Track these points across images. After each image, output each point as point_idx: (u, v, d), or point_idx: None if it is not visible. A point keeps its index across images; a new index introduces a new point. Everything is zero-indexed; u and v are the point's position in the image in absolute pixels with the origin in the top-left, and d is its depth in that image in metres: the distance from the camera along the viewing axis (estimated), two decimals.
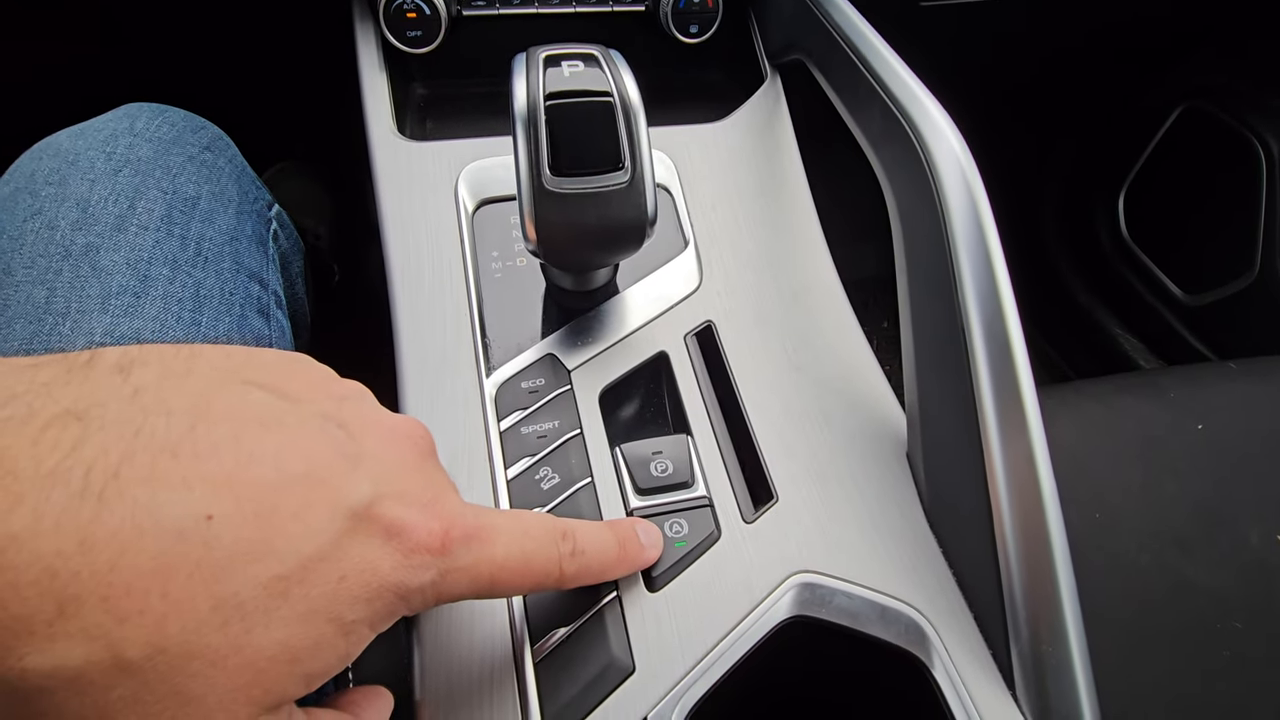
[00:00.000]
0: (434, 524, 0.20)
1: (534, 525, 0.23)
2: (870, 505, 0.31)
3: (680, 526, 0.30)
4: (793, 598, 0.28)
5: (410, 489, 0.20)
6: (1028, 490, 0.27)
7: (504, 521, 0.22)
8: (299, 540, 0.17)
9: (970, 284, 0.29)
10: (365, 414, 0.21)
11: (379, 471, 0.20)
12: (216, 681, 0.16)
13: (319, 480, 0.18)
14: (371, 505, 0.19)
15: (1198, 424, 0.55)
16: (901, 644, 0.27)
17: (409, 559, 0.19)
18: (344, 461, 0.19)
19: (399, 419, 0.22)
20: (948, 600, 0.29)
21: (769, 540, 0.30)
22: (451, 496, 0.21)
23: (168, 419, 0.17)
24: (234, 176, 0.44)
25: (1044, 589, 0.27)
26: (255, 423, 0.18)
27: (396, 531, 0.19)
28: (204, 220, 0.40)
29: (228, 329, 0.37)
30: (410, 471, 0.21)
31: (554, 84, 0.29)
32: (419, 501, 0.20)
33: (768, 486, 0.32)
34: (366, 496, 0.19)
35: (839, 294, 0.40)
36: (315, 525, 0.18)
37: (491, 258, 0.39)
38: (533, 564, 0.22)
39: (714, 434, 0.33)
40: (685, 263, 0.40)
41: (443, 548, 0.20)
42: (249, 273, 0.40)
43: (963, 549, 0.29)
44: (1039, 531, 0.27)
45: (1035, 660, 0.26)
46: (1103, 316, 1.06)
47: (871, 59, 0.37)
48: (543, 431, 0.32)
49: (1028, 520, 0.27)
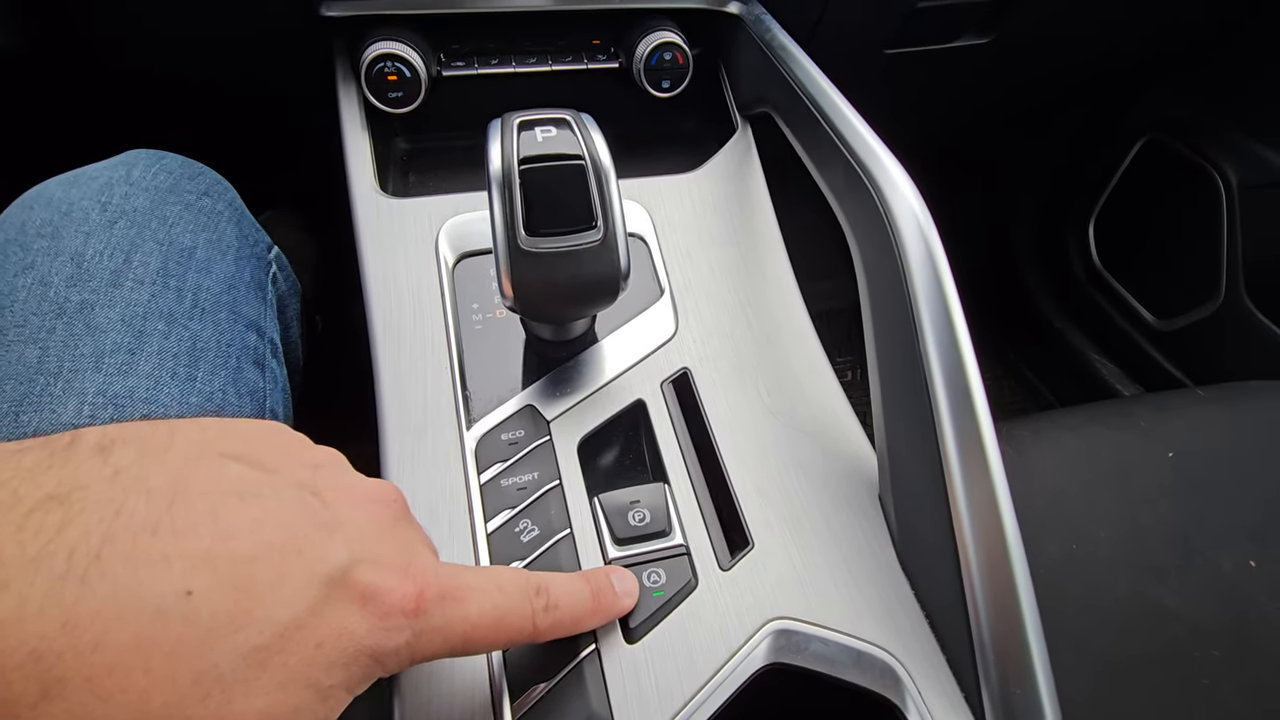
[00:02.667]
0: (408, 586, 0.20)
1: (507, 581, 0.23)
2: (844, 548, 0.32)
3: (658, 576, 0.30)
4: (769, 645, 0.29)
5: (384, 553, 0.21)
6: (992, 534, 0.28)
7: (477, 579, 0.22)
8: (276, 610, 0.18)
9: (931, 336, 0.31)
10: (339, 481, 0.22)
11: (354, 537, 0.20)
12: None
13: (295, 550, 0.19)
14: (347, 571, 0.19)
15: (1168, 452, 0.56)
16: (876, 689, 0.28)
17: (384, 622, 0.20)
18: (319, 530, 0.20)
19: (372, 484, 0.23)
20: (920, 643, 0.29)
21: (745, 587, 0.31)
22: (425, 557, 0.22)
23: (147, 497, 0.18)
24: (233, 221, 0.44)
25: (1011, 632, 0.27)
26: (232, 495, 0.19)
27: (371, 596, 0.20)
28: (201, 270, 0.40)
29: (223, 383, 0.37)
30: (384, 535, 0.21)
31: (528, 148, 0.31)
32: (393, 565, 0.21)
33: (744, 533, 0.32)
34: (342, 563, 0.19)
35: (810, 337, 0.41)
36: (292, 594, 0.18)
37: (472, 310, 0.40)
38: (506, 620, 0.22)
39: (691, 481, 0.34)
40: (662, 310, 0.41)
41: (417, 609, 0.20)
42: (246, 321, 0.41)
43: (933, 591, 0.30)
44: (1004, 576, 0.27)
45: (1005, 702, 0.27)
46: (1080, 342, 1.08)
47: (833, 115, 0.39)
48: (522, 483, 0.33)
49: (993, 564, 0.28)
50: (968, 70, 0.74)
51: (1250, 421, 0.60)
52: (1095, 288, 1.06)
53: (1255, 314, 0.85)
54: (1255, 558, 0.51)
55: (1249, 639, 0.48)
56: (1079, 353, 1.07)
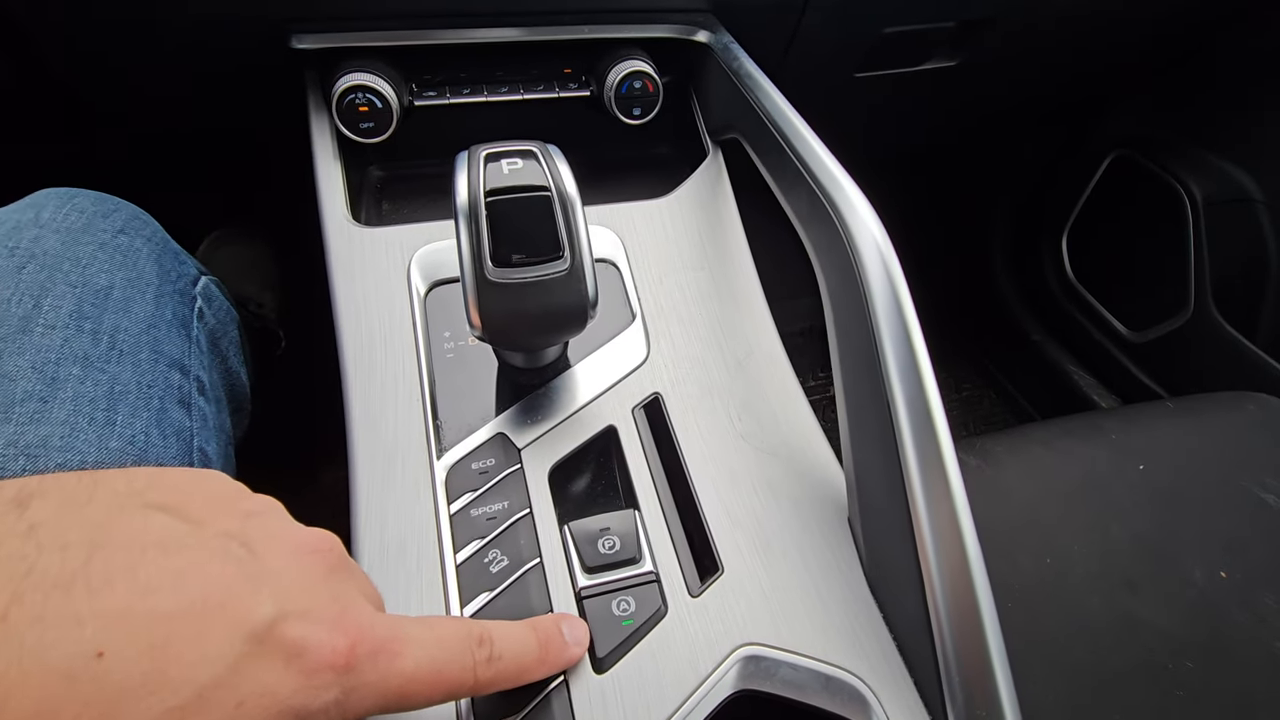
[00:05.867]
0: (338, 640, 0.19)
1: (448, 633, 0.22)
2: (813, 572, 0.32)
3: (627, 604, 0.30)
4: (739, 671, 0.29)
5: (315, 605, 0.20)
6: (954, 559, 0.28)
7: (416, 630, 0.21)
8: (195, 669, 0.17)
9: (892, 359, 0.31)
10: (271, 530, 0.21)
11: (282, 590, 0.19)
12: None
13: (217, 604, 0.18)
14: (273, 625, 0.18)
15: (1139, 464, 0.57)
16: (845, 713, 0.28)
17: (310, 680, 0.19)
18: (245, 583, 0.19)
19: (307, 533, 0.22)
20: (888, 667, 0.29)
21: (715, 614, 0.31)
22: (360, 608, 0.21)
23: (63, 554, 0.17)
24: (153, 257, 0.42)
25: (976, 656, 0.28)
26: (155, 548, 0.18)
27: (298, 652, 0.19)
28: (119, 310, 0.38)
29: (145, 425, 0.36)
30: (317, 586, 0.20)
31: (494, 180, 0.31)
32: (324, 617, 0.20)
33: (714, 558, 0.33)
34: (268, 617, 0.18)
35: (782, 360, 0.42)
36: (212, 652, 0.17)
37: (444, 338, 0.40)
38: (445, 674, 0.21)
39: (661, 507, 0.34)
40: (633, 335, 0.41)
41: (347, 665, 0.19)
42: (169, 361, 0.39)
43: (901, 615, 0.30)
44: (968, 600, 0.28)
45: None
46: (1057, 354, 1.10)
47: (797, 144, 0.40)
48: (492, 513, 0.33)
49: (956, 588, 0.28)
50: (938, 91, 0.75)
51: (1218, 432, 0.61)
52: (1070, 301, 1.08)
53: (1223, 325, 0.87)
54: (1226, 568, 0.52)
55: (1222, 649, 0.48)
56: (1055, 364, 1.09)
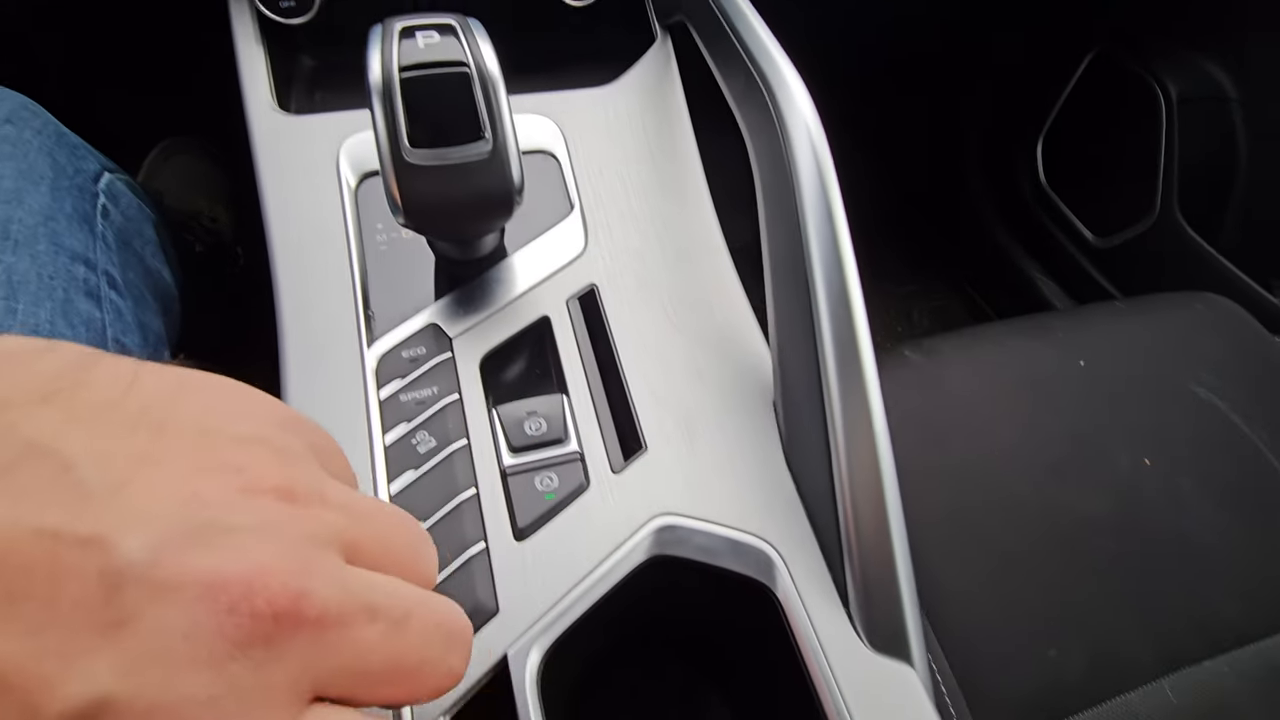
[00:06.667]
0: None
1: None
2: (734, 451, 0.34)
3: (551, 480, 0.32)
4: (654, 539, 0.30)
5: (178, 697, 0.13)
6: (860, 429, 0.29)
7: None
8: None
9: (815, 241, 0.31)
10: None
11: (139, 654, 0.13)
12: None
13: (40, 655, 0.12)
14: (92, 718, 0.12)
15: (1080, 360, 0.58)
16: (752, 574, 0.30)
17: None
18: (89, 633, 0.13)
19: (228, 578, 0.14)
20: (796, 533, 0.31)
21: (635, 489, 0.32)
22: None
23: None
24: (44, 150, 0.41)
25: (875, 519, 0.29)
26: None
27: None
28: (9, 201, 0.37)
29: (50, 314, 0.36)
30: (179, 667, 0.13)
31: (409, 56, 0.30)
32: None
33: (638, 438, 0.34)
34: (85, 700, 0.12)
35: (723, 255, 0.42)
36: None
37: (376, 230, 0.40)
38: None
39: (590, 393, 0.35)
40: (571, 227, 0.41)
41: None
42: (71, 254, 0.39)
43: (812, 487, 0.32)
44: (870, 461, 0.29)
45: (865, 582, 0.29)
46: (1023, 261, 1.10)
47: (737, 21, 0.38)
48: (421, 398, 0.34)
49: (860, 454, 0.29)
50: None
51: (1164, 331, 0.62)
52: (1041, 207, 1.07)
53: (1185, 229, 0.87)
54: (1151, 455, 0.54)
55: (1135, 528, 0.51)
56: (1022, 272, 1.09)
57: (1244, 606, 0.50)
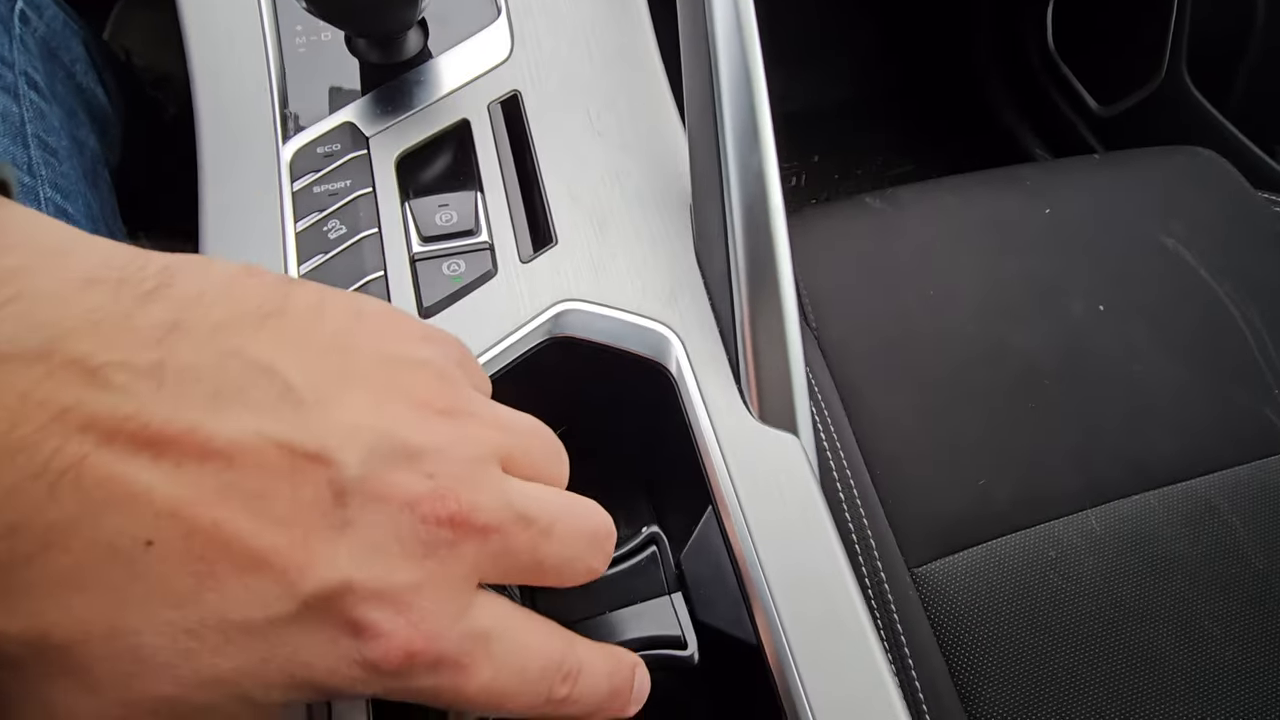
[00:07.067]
0: (403, 642, 0.16)
1: (535, 663, 0.18)
2: (644, 246, 0.34)
3: (458, 266, 0.32)
4: (556, 321, 0.31)
5: (394, 586, 0.16)
6: (757, 210, 0.29)
7: (501, 649, 0.18)
8: (236, 606, 0.15)
9: (720, 23, 0.30)
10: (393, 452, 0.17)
11: (363, 551, 0.16)
12: (81, 704, 0.14)
13: (292, 544, 0.15)
14: (337, 596, 0.15)
15: (1046, 208, 0.57)
16: (649, 355, 0.31)
17: (351, 669, 0.16)
18: (325, 529, 0.16)
19: (447, 475, 0.17)
20: (698, 319, 0.32)
21: (543, 277, 0.32)
22: (444, 605, 0.17)
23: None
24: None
25: (768, 294, 0.29)
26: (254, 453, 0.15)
27: (354, 632, 0.15)
28: None
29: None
30: (408, 558, 0.16)
31: None
32: (399, 608, 0.16)
33: (550, 233, 0.34)
34: (332, 584, 0.15)
35: (653, 62, 0.40)
36: (261, 596, 0.15)
37: (295, 32, 0.38)
38: (504, 704, 0.18)
39: (505, 191, 0.35)
40: (496, 32, 0.40)
41: (398, 670, 0.16)
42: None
43: (715, 274, 0.32)
44: (765, 241, 0.29)
45: (756, 356, 0.29)
46: (1026, 137, 1.06)
47: None
48: (334, 189, 0.34)
49: (755, 233, 0.29)
50: None
51: (1139, 182, 0.60)
52: (1047, 75, 1.02)
53: (1192, 91, 0.82)
54: (1109, 302, 0.54)
55: (1083, 370, 0.51)
56: (1024, 148, 1.05)
57: (1181, 448, 0.51)
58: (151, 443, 0.14)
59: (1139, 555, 0.47)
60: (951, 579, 0.45)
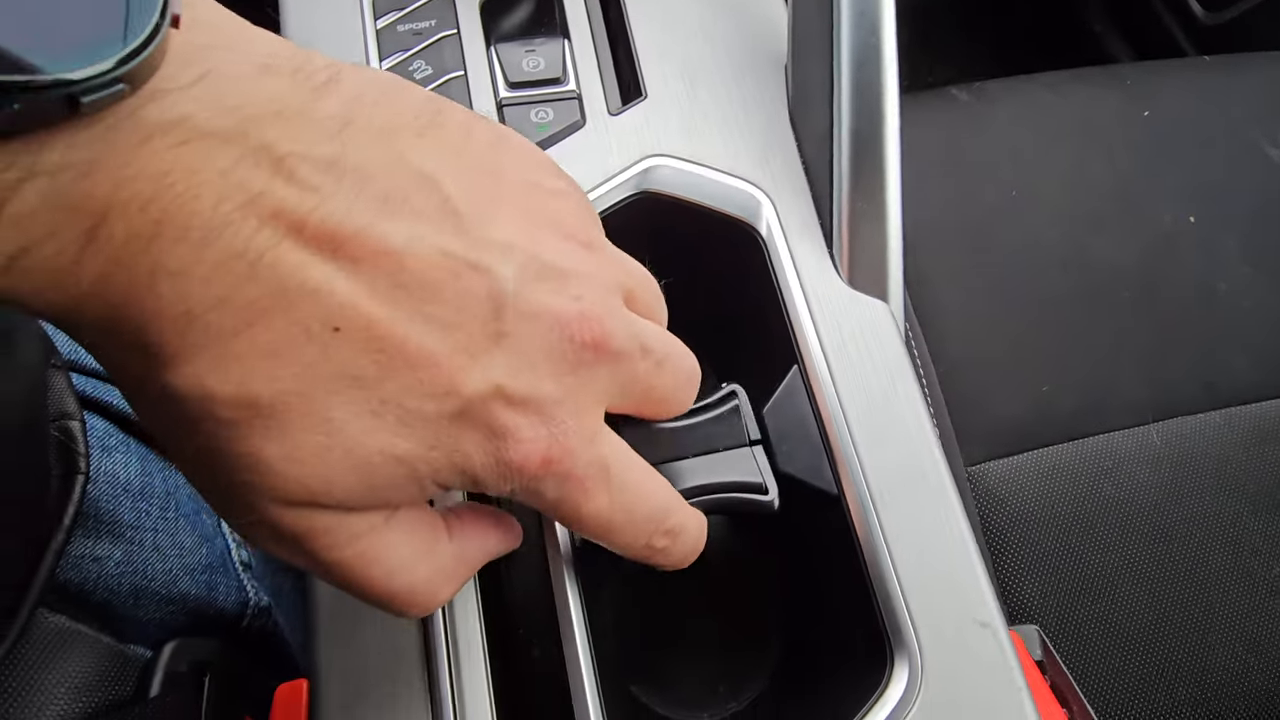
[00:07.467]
0: (541, 449, 0.17)
1: (645, 503, 0.20)
2: (735, 104, 0.32)
3: (546, 114, 0.31)
4: (644, 175, 0.30)
5: (540, 396, 0.17)
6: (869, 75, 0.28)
7: (620, 482, 0.19)
8: (411, 396, 0.16)
9: None
10: (549, 271, 0.18)
11: (515, 362, 0.17)
12: (281, 462, 0.15)
13: (456, 348, 0.16)
14: (487, 400, 0.16)
15: (1144, 110, 0.53)
16: (741, 216, 0.30)
17: (497, 467, 0.17)
18: (484, 338, 0.16)
19: (592, 301, 0.18)
20: (790, 182, 0.31)
21: (632, 130, 0.31)
22: (581, 426, 0.18)
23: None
24: None
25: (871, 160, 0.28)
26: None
27: (500, 434, 0.17)
28: None
29: None
30: (556, 373, 0.17)
31: None
32: (542, 417, 0.17)
33: (639, 87, 0.32)
34: (483, 390, 0.16)
35: None
36: (432, 390, 0.16)
37: None
38: (612, 537, 0.20)
39: (594, 41, 0.34)
40: None
41: (535, 474, 0.17)
42: None
43: (813, 133, 0.31)
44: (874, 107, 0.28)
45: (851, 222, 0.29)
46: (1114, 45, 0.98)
47: None
48: (419, 29, 0.33)
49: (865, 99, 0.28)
50: None
51: (1246, 86, 0.56)
52: None
53: None
54: (1196, 214, 0.51)
55: (1164, 283, 0.50)
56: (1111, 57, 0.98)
57: (1256, 369, 0.49)
58: (329, 239, 0.15)
59: (1197, 472, 0.47)
60: (1003, 481, 0.45)
